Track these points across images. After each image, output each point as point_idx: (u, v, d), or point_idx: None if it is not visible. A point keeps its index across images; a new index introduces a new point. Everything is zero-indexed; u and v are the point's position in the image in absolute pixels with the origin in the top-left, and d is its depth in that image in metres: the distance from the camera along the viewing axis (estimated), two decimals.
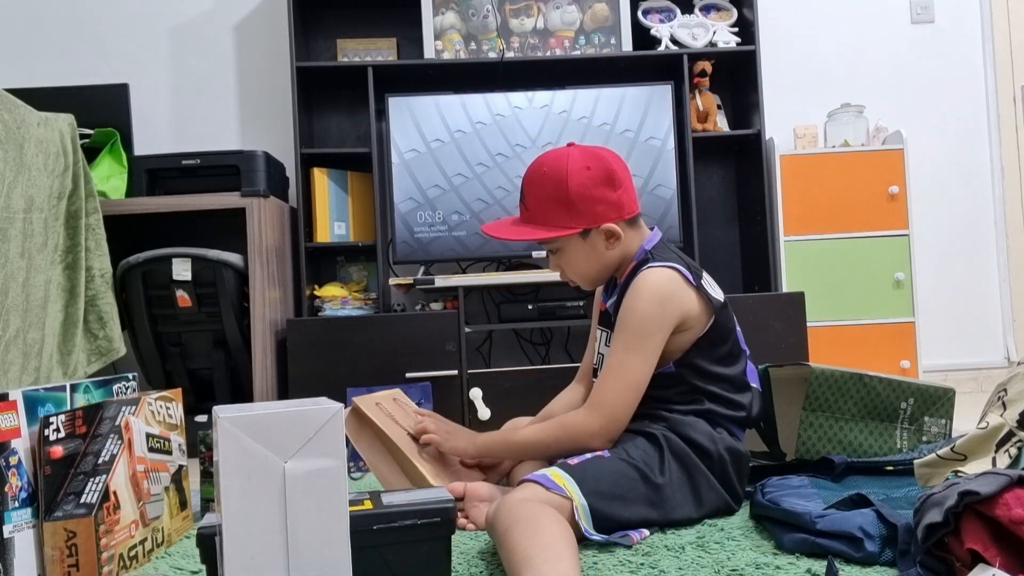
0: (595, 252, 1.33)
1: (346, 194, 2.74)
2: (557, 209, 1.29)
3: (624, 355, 1.25)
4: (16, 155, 1.78)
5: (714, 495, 1.25)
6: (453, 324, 2.39)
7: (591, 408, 1.26)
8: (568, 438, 1.26)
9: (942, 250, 2.98)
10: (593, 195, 1.28)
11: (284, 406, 0.82)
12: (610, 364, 1.27)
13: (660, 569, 1.03)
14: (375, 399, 1.45)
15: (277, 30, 2.87)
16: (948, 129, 3.01)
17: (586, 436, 1.25)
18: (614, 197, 1.30)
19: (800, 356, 2.39)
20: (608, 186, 1.29)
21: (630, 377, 1.25)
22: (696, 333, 1.28)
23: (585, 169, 1.28)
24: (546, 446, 1.29)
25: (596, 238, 1.31)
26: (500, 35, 2.73)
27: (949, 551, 0.87)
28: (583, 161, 1.29)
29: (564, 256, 1.36)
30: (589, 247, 1.33)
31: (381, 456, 1.39)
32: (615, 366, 1.26)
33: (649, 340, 1.25)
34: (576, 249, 1.33)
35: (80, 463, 1.11)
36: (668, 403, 1.29)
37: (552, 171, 1.29)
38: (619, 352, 1.26)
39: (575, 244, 1.33)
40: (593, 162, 1.30)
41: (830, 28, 3.02)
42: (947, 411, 1.54)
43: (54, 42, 2.88)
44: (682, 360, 1.29)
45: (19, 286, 1.78)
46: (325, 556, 0.80)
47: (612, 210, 1.30)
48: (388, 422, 1.40)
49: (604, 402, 1.25)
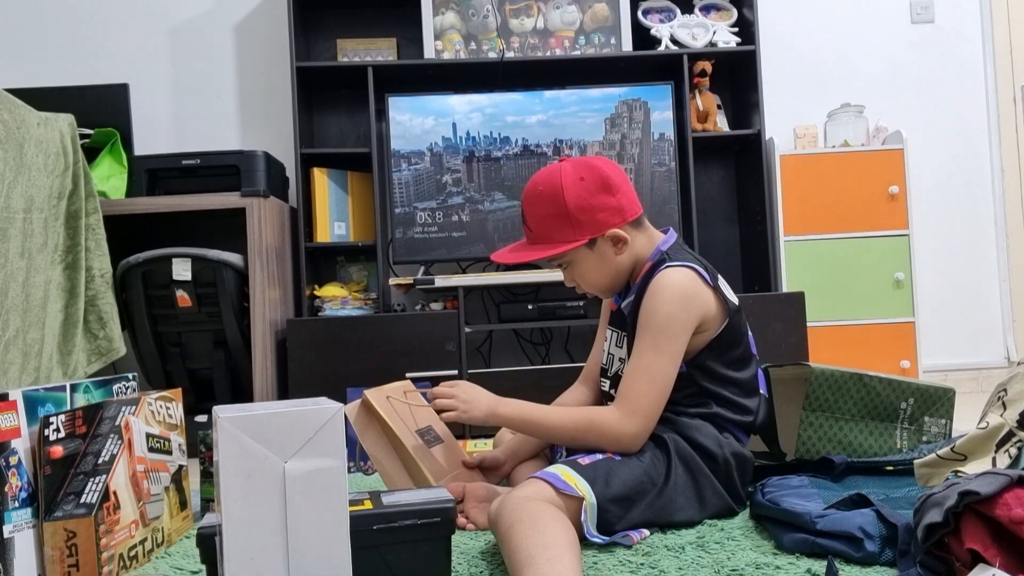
0: (605, 260, 1.32)
1: (346, 194, 2.74)
2: (559, 225, 1.29)
3: (651, 356, 1.24)
4: (16, 155, 1.78)
5: (717, 499, 1.25)
6: (453, 324, 2.39)
7: (623, 411, 1.23)
8: (596, 435, 1.24)
9: (942, 250, 2.98)
10: (592, 204, 1.28)
11: (284, 406, 0.82)
12: (637, 366, 1.25)
13: (660, 569, 1.03)
14: (386, 392, 1.43)
15: (277, 30, 2.87)
16: (948, 129, 3.01)
17: (616, 437, 1.23)
18: (613, 203, 1.30)
19: (800, 356, 2.39)
20: (605, 193, 1.29)
21: (658, 378, 1.24)
22: (710, 335, 1.28)
23: (579, 181, 1.28)
24: (570, 436, 1.27)
25: (604, 246, 1.31)
26: (500, 35, 2.73)
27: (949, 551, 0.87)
28: (576, 173, 1.29)
29: (576, 269, 1.35)
30: (598, 256, 1.32)
31: (386, 452, 1.39)
32: (643, 368, 1.24)
33: (675, 340, 1.24)
34: (586, 260, 1.33)
35: (80, 463, 1.11)
36: (675, 405, 1.28)
37: (547, 188, 1.29)
38: (645, 353, 1.24)
39: (584, 256, 1.32)
40: (586, 172, 1.29)
41: (830, 28, 3.02)
42: (947, 411, 1.54)
43: (54, 42, 2.88)
44: (694, 361, 1.29)
45: (19, 286, 1.78)
46: (325, 556, 0.80)
47: (614, 216, 1.30)
48: (396, 418, 1.39)
49: (637, 405, 1.23)
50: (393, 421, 1.37)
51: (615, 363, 1.40)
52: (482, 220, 2.62)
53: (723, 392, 1.29)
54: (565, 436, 1.28)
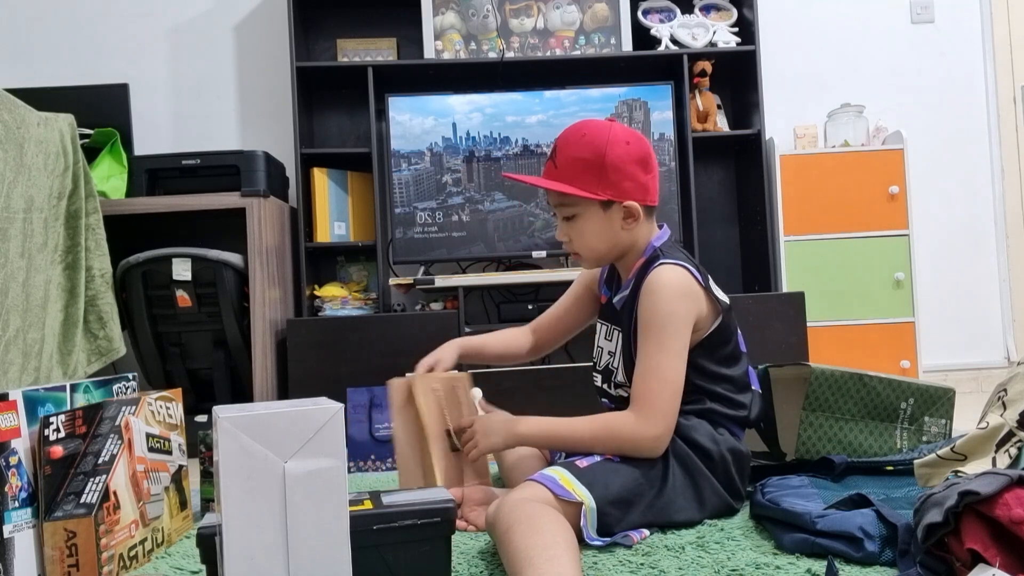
0: (610, 227, 1.32)
1: (346, 194, 2.74)
2: (588, 173, 1.28)
3: (659, 356, 1.23)
4: (16, 155, 1.78)
5: (716, 498, 1.25)
6: (453, 324, 2.39)
7: (640, 415, 1.22)
8: (616, 442, 1.23)
9: (942, 250, 2.98)
10: (627, 170, 1.29)
11: (284, 406, 0.82)
12: (647, 367, 1.24)
13: (660, 569, 1.03)
14: (433, 383, 1.39)
15: (277, 30, 2.87)
16: (948, 129, 3.01)
17: (637, 442, 1.21)
18: (644, 179, 1.31)
19: (800, 356, 2.39)
20: (642, 167, 1.30)
21: (670, 376, 1.23)
22: (702, 334, 1.28)
23: (625, 144, 1.29)
24: (590, 446, 1.25)
25: (615, 213, 1.31)
26: (500, 35, 2.73)
27: (949, 551, 0.87)
28: (624, 136, 1.30)
29: (578, 224, 1.33)
30: (606, 220, 1.31)
31: (408, 440, 1.37)
32: (653, 369, 1.23)
33: (679, 336, 1.24)
34: (593, 219, 1.31)
35: (80, 463, 1.11)
36: None
37: (593, 135, 1.29)
38: (653, 354, 1.23)
39: (593, 213, 1.31)
40: (634, 140, 1.30)
41: (830, 28, 3.02)
42: (947, 411, 1.54)
43: (54, 42, 2.88)
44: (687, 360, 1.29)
45: (19, 286, 1.78)
46: (325, 556, 0.80)
47: (639, 190, 1.31)
48: (433, 410, 1.36)
49: (653, 407, 1.21)
50: (429, 412, 1.35)
51: (604, 356, 1.40)
52: (482, 220, 2.62)
53: (716, 389, 1.29)
54: (585, 446, 1.25)
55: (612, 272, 1.44)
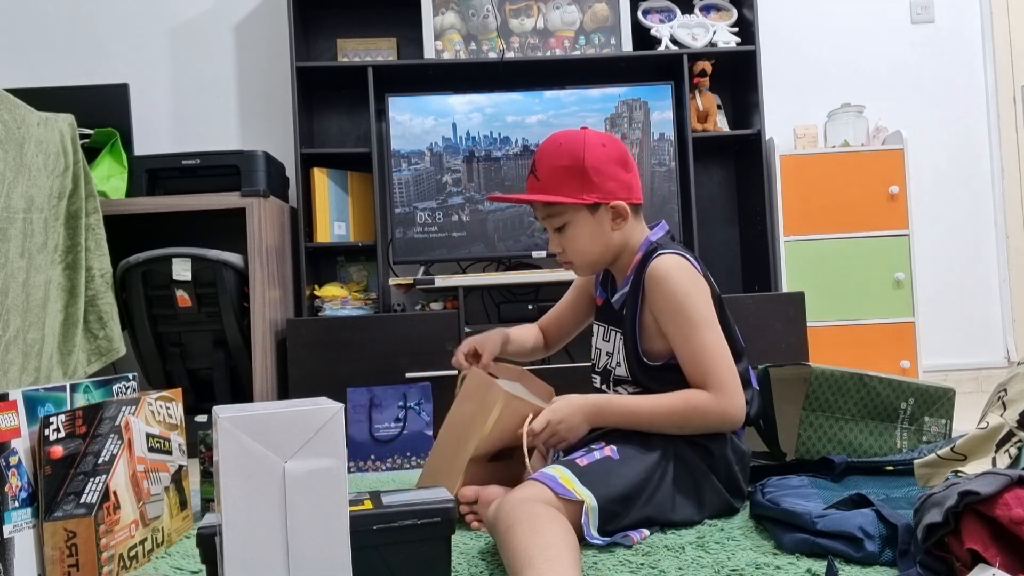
0: (600, 230, 1.32)
1: (346, 194, 2.74)
2: (571, 180, 1.30)
3: (699, 334, 1.24)
4: (16, 155, 1.78)
5: (717, 498, 1.26)
6: (453, 324, 2.39)
7: (718, 390, 1.22)
8: (702, 419, 1.23)
9: (942, 250, 2.98)
10: (608, 170, 1.30)
11: (284, 406, 0.82)
12: (693, 349, 1.24)
13: (660, 569, 1.03)
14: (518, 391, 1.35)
15: (277, 30, 2.87)
16: (948, 129, 3.01)
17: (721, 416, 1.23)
18: (626, 178, 1.32)
19: (800, 356, 2.39)
20: (621, 166, 1.32)
21: (719, 350, 1.24)
22: None
23: (601, 146, 1.30)
24: (675, 424, 1.24)
25: (604, 216, 1.32)
26: (500, 35, 2.73)
27: (949, 551, 0.87)
28: (599, 139, 1.32)
29: (569, 233, 1.33)
30: (596, 224, 1.32)
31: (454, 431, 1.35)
32: (699, 348, 1.23)
33: (704, 309, 1.25)
34: (582, 224, 1.32)
35: (80, 463, 1.11)
36: None
37: (569, 144, 1.31)
38: (690, 336, 1.24)
39: (583, 219, 1.32)
40: (609, 142, 1.32)
41: (830, 28, 3.02)
42: (947, 411, 1.54)
43: (54, 42, 2.88)
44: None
45: (19, 286, 1.78)
46: (325, 556, 0.80)
47: (623, 189, 1.32)
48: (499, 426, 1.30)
49: (724, 380, 1.23)
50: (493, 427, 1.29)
51: (603, 358, 1.40)
52: (482, 220, 2.62)
53: None
54: (669, 425, 1.24)
55: (607, 274, 1.44)
